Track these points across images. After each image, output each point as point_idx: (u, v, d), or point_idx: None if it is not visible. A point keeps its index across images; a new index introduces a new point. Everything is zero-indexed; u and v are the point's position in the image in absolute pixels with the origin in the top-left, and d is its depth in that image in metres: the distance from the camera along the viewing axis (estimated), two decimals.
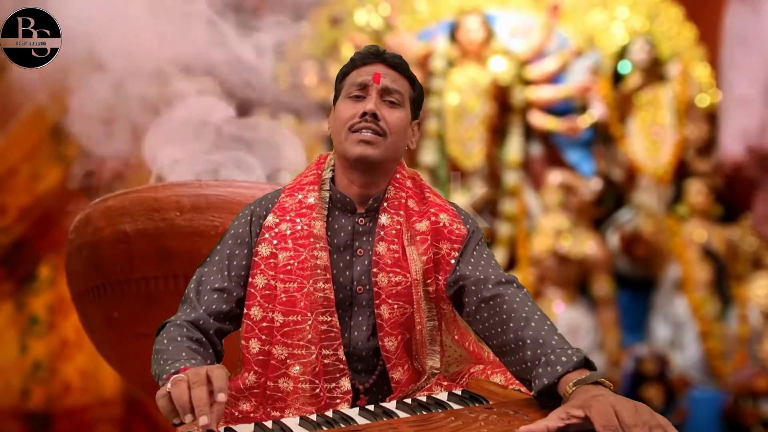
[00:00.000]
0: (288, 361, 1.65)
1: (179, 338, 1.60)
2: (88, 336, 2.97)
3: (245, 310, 1.69)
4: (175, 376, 1.38)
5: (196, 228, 2.51)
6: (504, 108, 6.38)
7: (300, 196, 1.75)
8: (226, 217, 2.50)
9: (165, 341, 1.60)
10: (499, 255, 6.01)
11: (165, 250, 2.52)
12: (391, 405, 1.51)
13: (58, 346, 5.06)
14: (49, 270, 4.96)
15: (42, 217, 4.78)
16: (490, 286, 1.63)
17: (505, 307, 1.58)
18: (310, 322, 1.64)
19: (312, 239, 1.69)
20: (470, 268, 1.68)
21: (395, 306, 1.69)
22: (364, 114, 1.69)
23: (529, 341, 1.50)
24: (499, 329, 1.57)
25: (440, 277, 1.71)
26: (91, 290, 2.69)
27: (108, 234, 2.58)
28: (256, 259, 1.70)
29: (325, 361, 1.66)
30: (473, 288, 1.65)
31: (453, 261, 1.71)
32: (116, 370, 3.02)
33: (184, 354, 1.54)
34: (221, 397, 1.33)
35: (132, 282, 2.57)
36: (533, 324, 1.53)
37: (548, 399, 1.42)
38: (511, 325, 1.55)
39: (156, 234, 2.53)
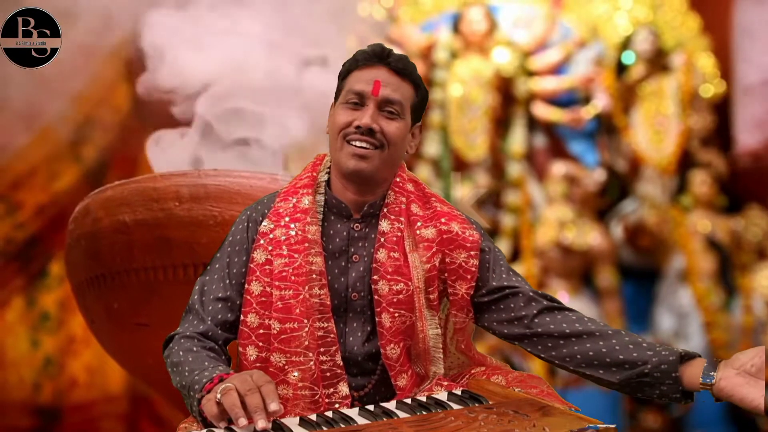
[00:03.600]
0: (286, 367, 1.64)
1: (195, 349, 1.61)
2: (88, 326, 2.97)
3: (242, 317, 1.68)
4: (223, 386, 1.40)
5: (195, 218, 2.50)
6: (507, 99, 6.36)
7: (294, 200, 1.73)
8: (224, 206, 2.50)
9: (181, 353, 1.60)
10: (503, 246, 5.99)
11: (164, 239, 2.52)
12: (391, 405, 1.52)
13: (66, 342, 5.09)
14: (60, 267, 4.99)
15: (56, 215, 4.83)
16: (538, 297, 1.68)
17: (566, 315, 1.66)
18: (306, 329, 1.63)
19: (306, 244, 1.67)
20: (504, 276, 1.72)
21: (396, 314, 1.67)
22: (359, 127, 1.66)
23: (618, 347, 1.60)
24: (561, 340, 1.64)
25: (459, 286, 1.70)
26: (91, 281, 2.69)
27: (107, 224, 2.58)
28: (251, 265, 1.69)
29: (323, 366, 1.65)
30: (521, 295, 1.69)
31: (474, 269, 1.70)
32: (116, 360, 3.03)
33: (206, 363, 1.55)
34: (273, 406, 1.39)
35: (131, 272, 2.57)
36: (624, 336, 1.62)
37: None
38: (597, 333, 1.62)
39: (155, 224, 2.53)
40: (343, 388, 1.66)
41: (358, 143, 1.66)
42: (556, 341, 1.64)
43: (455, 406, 1.48)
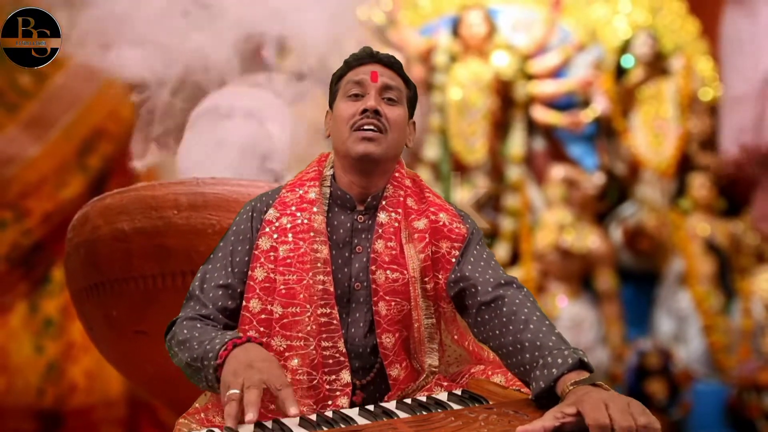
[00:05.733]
0: (286, 353, 1.65)
1: (199, 325, 1.63)
2: (87, 334, 2.97)
3: (244, 303, 1.69)
4: (229, 393, 1.42)
5: (193, 226, 2.50)
6: (506, 103, 6.38)
7: (301, 192, 1.75)
8: (223, 215, 2.50)
9: (185, 331, 1.62)
10: (502, 250, 6.01)
11: (163, 248, 2.52)
12: (390, 405, 1.51)
13: (66, 347, 5.12)
14: (62, 273, 5.07)
15: (61, 222, 4.89)
16: (489, 289, 1.62)
17: (505, 309, 1.58)
18: (309, 314, 1.64)
19: (312, 233, 1.69)
20: (470, 268, 1.68)
21: (392, 303, 1.69)
22: (365, 111, 1.69)
23: (527, 344, 1.50)
24: (498, 331, 1.57)
25: (440, 276, 1.71)
26: (90, 289, 2.69)
27: (106, 232, 2.58)
28: (256, 252, 1.70)
29: (325, 353, 1.66)
30: (473, 290, 1.64)
31: (453, 260, 1.70)
32: (115, 367, 3.02)
33: (214, 333, 1.58)
34: (294, 410, 1.41)
35: (130, 280, 2.57)
36: (532, 326, 1.52)
37: (548, 401, 1.41)
38: (511, 327, 1.55)
39: (154, 232, 2.52)
40: (345, 376, 1.66)
41: (366, 127, 1.69)
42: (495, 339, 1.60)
43: (455, 406, 1.47)
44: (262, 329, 1.67)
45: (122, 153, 5.19)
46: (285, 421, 1.42)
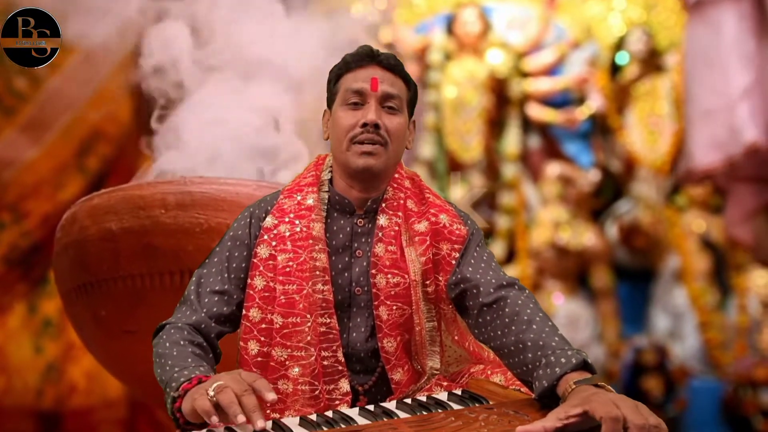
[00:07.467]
0: (287, 362, 1.64)
1: (182, 342, 1.60)
2: (76, 334, 2.98)
3: (244, 312, 1.69)
4: (216, 384, 1.37)
5: (181, 225, 2.50)
6: (502, 100, 6.39)
7: (299, 198, 1.74)
8: (210, 214, 2.50)
9: (167, 344, 1.60)
10: (498, 248, 6.02)
11: (151, 247, 2.52)
12: (391, 405, 1.51)
13: (65, 348, 5.13)
14: None
15: (59, 223, 4.96)
16: (491, 290, 1.61)
17: (507, 310, 1.57)
18: (309, 324, 1.64)
19: (311, 241, 1.68)
20: (471, 269, 1.67)
21: (394, 307, 1.68)
22: (365, 124, 1.67)
23: (530, 344, 1.49)
24: (500, 332, 1.57)
25: (440, 278, 1.70)
26: (78, 289, 2.69)
27: (94, 232, 2.58)
28: (255, 260, 1.70)
29: (324, 362, 1.65)
30: (475, 292, 1.64)
31: (454, 262, 1.70)
32: (106, 368, 3.02)
33: (190, 360, 1.54)
34: (271, 396, 1.38)
35: (118, 280, 2.57)
36: (534, 326, 1.52)
37: (550, 400, 1.41)
38: (513, 328, 1.54)
39: (141, 231, 2.52)
40: (344, 385, 1.66)
41: (366, 143, 1.67)
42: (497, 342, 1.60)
43: (455, 406, 1.47)
44: (262, 339, 1.67)
45: (120, 154, 5.22)
46: (285, 421, 1.43)
